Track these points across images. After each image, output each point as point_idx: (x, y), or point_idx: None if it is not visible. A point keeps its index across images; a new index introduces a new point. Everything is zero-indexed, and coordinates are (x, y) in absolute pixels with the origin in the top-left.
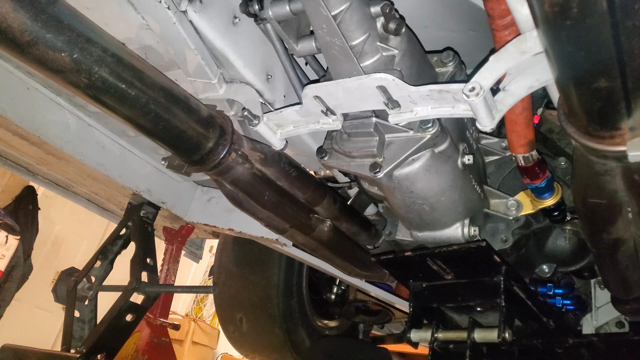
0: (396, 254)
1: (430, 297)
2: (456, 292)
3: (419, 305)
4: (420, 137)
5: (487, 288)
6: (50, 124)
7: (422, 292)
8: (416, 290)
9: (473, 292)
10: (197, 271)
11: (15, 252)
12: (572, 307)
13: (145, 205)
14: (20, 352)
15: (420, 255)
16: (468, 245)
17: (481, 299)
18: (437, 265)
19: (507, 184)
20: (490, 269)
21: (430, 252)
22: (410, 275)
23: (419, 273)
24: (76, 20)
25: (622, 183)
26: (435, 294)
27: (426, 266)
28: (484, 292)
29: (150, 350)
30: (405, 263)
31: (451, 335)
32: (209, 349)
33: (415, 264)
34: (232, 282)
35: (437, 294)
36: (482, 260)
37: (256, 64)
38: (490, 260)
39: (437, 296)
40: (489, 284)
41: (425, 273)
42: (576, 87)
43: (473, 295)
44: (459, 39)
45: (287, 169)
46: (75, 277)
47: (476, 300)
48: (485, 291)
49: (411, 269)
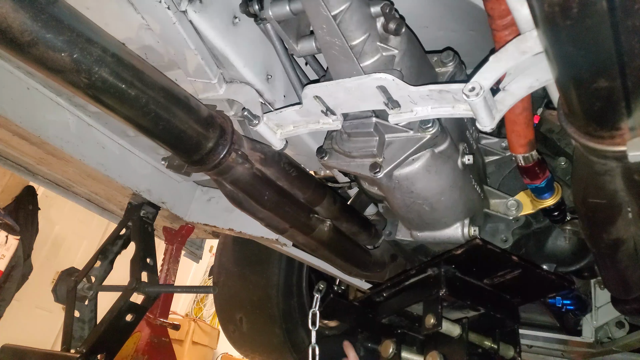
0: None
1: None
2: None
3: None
4: (420, 137)
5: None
6: (50, 124)
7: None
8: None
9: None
10: (197, 271)
11: (15, 252)
12: (572, 307)
13: (145, 205)
14: (20, 352)
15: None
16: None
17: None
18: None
19: (507, 184)
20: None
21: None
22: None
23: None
24: (76, 20)
25: (622, 183)
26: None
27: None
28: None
29: (150, 350)
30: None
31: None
32: (209, 349)
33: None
34: (232, 282)
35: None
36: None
37: (256, 64)
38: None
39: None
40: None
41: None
42: (576, 87)
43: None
44: (459, 39)
45: (287, 169)
46: (75, 277)
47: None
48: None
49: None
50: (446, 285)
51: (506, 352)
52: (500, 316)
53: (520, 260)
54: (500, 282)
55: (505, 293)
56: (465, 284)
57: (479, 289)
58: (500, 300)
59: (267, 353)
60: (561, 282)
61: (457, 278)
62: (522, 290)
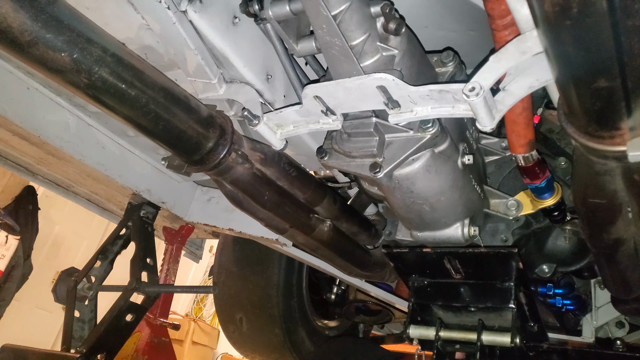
0: (413, 249)
1: (433, 294)
2: (462, 292)
3: (420, 301)
4: (420, 137)
5: (497, 291)
6: (50, 124)
7: (424, 288)
8: (417, 286)
9: (482, 294)
10: (197, 271)
11: (15, 252)
12: (572, 307)
13: (145, 205)
14: (20, 352)
15: (439, 254)
16: (498, 250)
17: (491, 302)
18: (451, 265)
19: (507, 184)
20: (505, 273)
21: (454, 252)
22: (415, 271)
23: (426, 270)
24: (76, 20)
25: (622, 183)
26: (440, 292)
27: (438, 264)
28: (493, 295)
29: (150, 350)
30: (417, 258)
31: (456, 336)
32: (209, 349)
33: (428, 261)
34: (232, 282)
35: (441, 292)
36: (502, 264)
37: (256, 64)
38: (511, 266)
39: (441, 294)
40: (500, 287)
41: (433, 270)
42: (576, 87)
43: (482, 297)
44: (459, 39)
45: (287, 169)
46: (75, 277)
47: (485, 302)
48: (494, 294)
49: (419, 265)
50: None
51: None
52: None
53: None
54: (468, 272)
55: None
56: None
57: (456, 285)
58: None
59: (267, 353)
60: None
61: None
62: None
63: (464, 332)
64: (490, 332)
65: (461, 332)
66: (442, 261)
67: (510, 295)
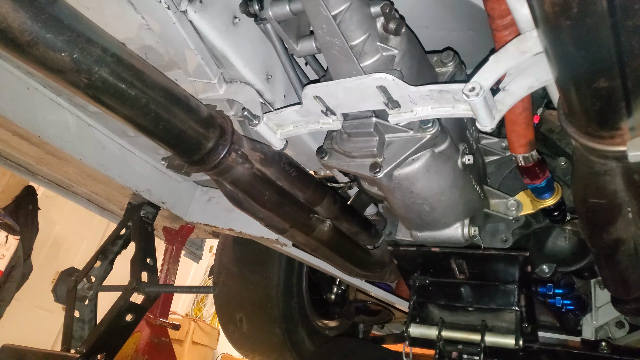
0: (420, 248)
1: (435, 293)
2: (464, 292)
3: (422, 300)
4: (420, 137)
5: (501, 293)
6: (50, 124)
7: (426, 287)
8: (419, 284)
9: (485, 294)
10: (197, 271)
11: (15, 252)
12: (572, 307)
13: (145, 205)
14: (20, 352)
15: (446, 254)
16: (509, 253)
17: (494, 303)
18: (457, 265)
19: (507, 184)
20: (510, 275)
21: (462, 253)
22: (418, 270)
23: (430, 269)
24: (76, 20)
25: (622, 183)
26: (441, 292)
27: (442, 264)
28: (496, 297)
29: (150, 350)
30: (423, 257)
31: (459, 336)
32: (209, 349)
33: (433, 260)
34: (232, 282)
35: (443, 291)
36: (509, 266)
37: (256, 64)
38: (518, 268)
39: (443, 294)
40: (504, 289)
41: (436, 270)
42: (576, 87)
43: (484, 298)
44: (459, 39)
45: (287, 169)
46: (75, 277)
47: (488, 303)
48: (497, 295)
49: (423, 264)
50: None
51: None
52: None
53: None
54: (472, 273)
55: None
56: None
57: (458, 285)
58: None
59: (267, 353)
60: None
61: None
62: (496, 274)
63: (466, 333)
64: (493, 333)
65: (464, 332)
66: (447, 261)
67: (513, 297)
